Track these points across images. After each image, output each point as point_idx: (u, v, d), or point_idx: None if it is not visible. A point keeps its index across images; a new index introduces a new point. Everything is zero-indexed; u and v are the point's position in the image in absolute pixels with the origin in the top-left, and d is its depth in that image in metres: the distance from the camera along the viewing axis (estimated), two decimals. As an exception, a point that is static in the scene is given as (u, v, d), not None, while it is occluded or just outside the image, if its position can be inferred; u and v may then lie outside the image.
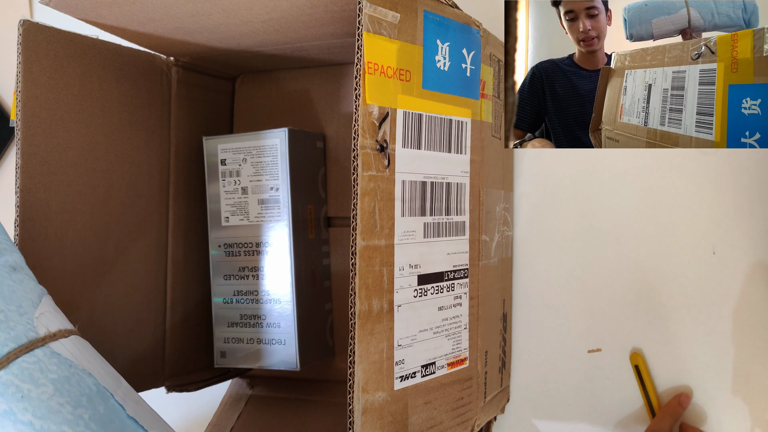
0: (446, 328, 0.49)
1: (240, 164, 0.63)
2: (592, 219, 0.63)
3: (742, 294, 0.58)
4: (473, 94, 0.52)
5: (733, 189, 0.58)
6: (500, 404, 0.62)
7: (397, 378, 0.45)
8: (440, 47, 0.48)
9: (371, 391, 0.42)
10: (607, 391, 0.62)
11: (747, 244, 0.58)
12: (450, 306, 0.50)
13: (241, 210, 0.63)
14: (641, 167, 0.61)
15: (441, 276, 0.49)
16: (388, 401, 0.44)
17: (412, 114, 0.45)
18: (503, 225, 0.60)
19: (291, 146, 0.61)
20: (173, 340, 0.65)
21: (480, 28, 0.52)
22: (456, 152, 0.50)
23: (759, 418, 0.57)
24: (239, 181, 0.63)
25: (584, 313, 0.63)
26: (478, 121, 0.52)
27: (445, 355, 0.49)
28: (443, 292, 0.49)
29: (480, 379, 0.54)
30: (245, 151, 0.63)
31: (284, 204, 0.61)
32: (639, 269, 0.61)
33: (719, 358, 0.58)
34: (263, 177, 0.62)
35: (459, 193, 0.50)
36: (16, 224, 0.51)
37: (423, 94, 0.46)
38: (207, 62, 0.67)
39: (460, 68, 0.50)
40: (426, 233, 0.47)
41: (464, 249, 0.51)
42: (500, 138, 0.58)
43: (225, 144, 0.64)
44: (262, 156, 0.62)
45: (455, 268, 0.50)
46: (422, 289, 0.47)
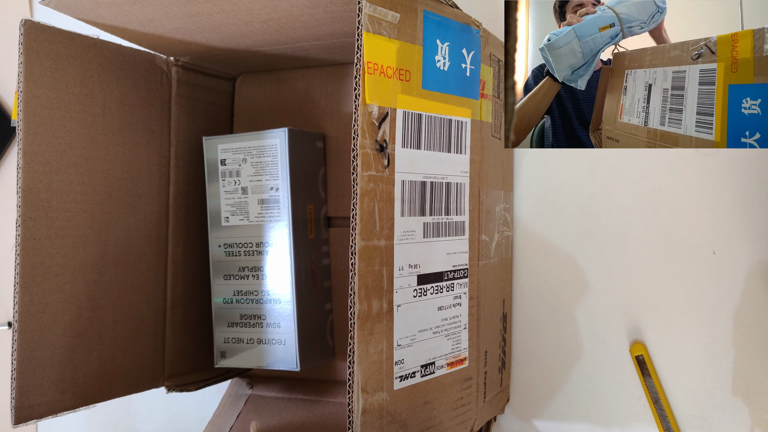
0: (446, 328, 0.49)
1: (240, 164, 0.63)
2: (592, 219, 0.63)
3: (742, 294, 0.58)
4: (473, 94, 0.52)
5: (733, 189, 0.58)
6: (500, 404, 0.62)
7: (396, 378, 0.45)
8: (440, 47, 0.48)
9: (371, 391, 0.42)
10: (607, 391, 0.62)
11: (747, 244, 0.58)
12: (450, 306, 0.50)
13: (241, 210, 0.63)
14: (641, 167, 0.61)
15: (441, 276, 0.49)
16: (387, 401, 0.44)
17: (411, 114, 0.45)
18: (503, 225, 0.60)
19: (291, 146, 0.61)
20: (173, 340, 0.65)
21: (480, 28, 0.52)
22: (456, 152, 0.50)
23: (759, 418, 0.57)
24: (239, 181, 0.63)
25: (584, 313, 0.63)
26: (477, 121, 0.52)
27: (444, 355, 0.49)
28: (443, 292, 0.49)
29: (480, 379, 0.54)
30: (245, 151, 0.63)
31: (284, 204, 0.61)
32: (639, 269, 0.61)
33: (719, 359, 0.58)
34: (263, 177, 0.62)
35: (459, 193, 0.50)
36: (17, 224, 0.51)
37: (423, 94, 0.46)
38: (207, 62, 0.67)
39: (460, 68, 0.50)
40: (426, 233, 0.47)
41: (464, 249, 0.51)
42: (500, 138, 0.58)
43: (225, 144, 0.64)
44: (262, 156, 0.62)
45: (455, 268, 0.50)
46: (422, 289, 0.47)
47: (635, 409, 0.61)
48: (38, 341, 0.52)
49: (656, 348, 0.60)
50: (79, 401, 0.56)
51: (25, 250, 0.51)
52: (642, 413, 0.61)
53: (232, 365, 0.64)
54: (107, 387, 0.58)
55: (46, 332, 0.53)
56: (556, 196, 0.64)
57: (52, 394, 0.53)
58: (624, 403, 0.61)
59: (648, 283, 0.61)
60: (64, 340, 0.54)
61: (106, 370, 0.58)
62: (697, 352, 0.59)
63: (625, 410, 0.61)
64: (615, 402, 0.62)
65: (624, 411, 0.61)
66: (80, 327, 0.56)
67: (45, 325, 0.53)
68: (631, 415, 0.61)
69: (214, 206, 0.65)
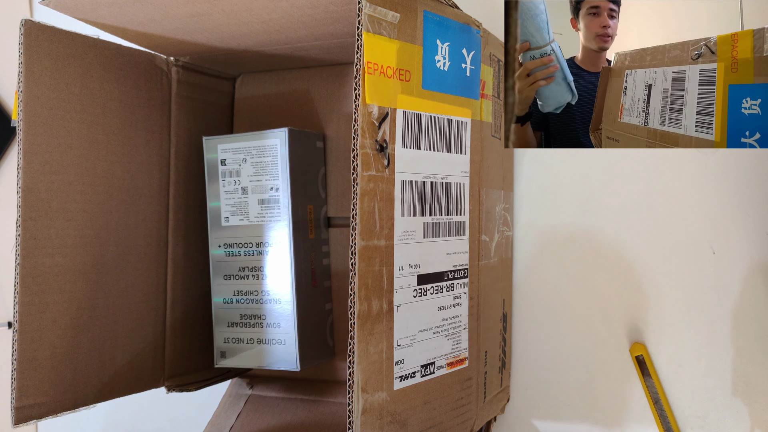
0: (446, 328, 0.49)
1: (240, 164, 0.63)
2: (591, 219, 0.63)
3: (742, 294, 0.57)
4: (473, 94, 0.52)
5: (732, 189, 0.58)
6: (500, 404, 0.62)
7: (396, 378, 0.45)
8: (440, 47, 0.48)
9: (371, 391, 0.42)
10: (607, 392, 0.62)
11: (746, 244, 0.58)
12: (450, 306, 0.50)
13: (241, 210, 0.63)
14: (641, 167, 0.61)
15: (441, 276, 0.49)
16: (387, 401, 0.44)
17: (411, 114, 0.45)
18: (503, 225, 0.60)
19: (291, 146, 0.61)
20: (173, 339, 0.65)
21: (480, 28, 0.52)
22: (456, 152, 0.50)
23: (759, 418, 0.57)
24: (239, 181, 0.63)
25: (584, 313, 0.63)
26: (478, 121, 0.52)
27: (444, 355, 0.49)
28: (443, 292, 0.49)
29: (480, 379, 0.54)
30: (245, 151, 0.63)
31: (284, 204, 0.61)
32: (639, 269, 0.61)
33: (719, 359, 0.58)
34: (263, 177, 0.62)
35: (459, 193, 0.50)
36: (17, 224, 0.51)
37: (423, 94, 0.46)
38: (207, 62, 0.67)
39: (460, 68, 0.50)
40: (426, 233, 0.47)
41: (464, 249, 0.51)
42: (500, 138, 0.58)
43: (225, 144, 0.64)
44: (262, 156, 0.62)
45: (455, 268, 0.50)
46: (422, 289, 0.47)
47: (635, 410, 0.61)
48: (38, 341, 0.52)
49: (656, 348, 0.60)
50: (80, 401, 0.56)
51: (26, 250, 0.51)
52: (642, 413, 0.61)
53: (232, 365, 0.64)
54: (107, 387, 0.58)
55: (46, 332, 0.53)
56: (556, 195, 0.64)
57: (53, 394, 0.53)
58: (624, 404, 0.61)
59: (648, 283, 0.61)
60: (64, 340, 0.54)
61: (106, 370, 0.58)
62: (696, 352, 0.59)
63: (625, 410, 0.61)
64: (615, 402, 0.61)
65: (624, 411, 0.61)
66: (80, 327, 0.56)
67: (45, 325, 0.53)
68: (631, 415, 0.61)
69: (214, 206, 0.65)
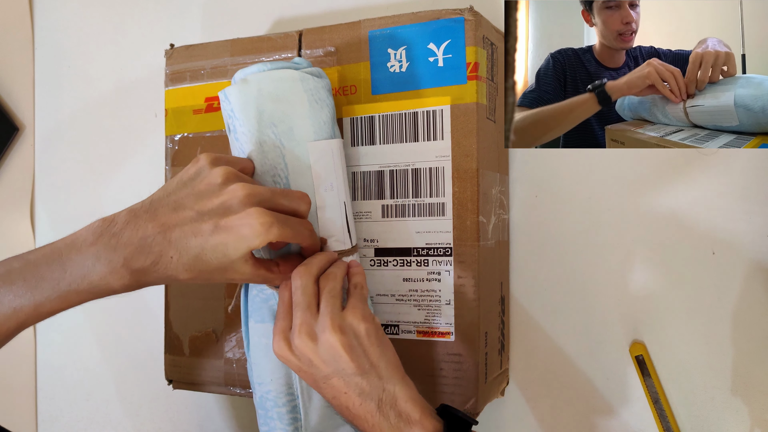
0: (415, 298, 0.55)
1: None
2: (591, 219, 0.60)
3: (742, 294, 0.55)
4: (453, 81, 0.54)
5: (732, 189, 0.55)
6: (500, 386, 0.58)
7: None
8: (393, 53, 0.55)
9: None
10: (607, 391, 0.59)
11: (747, 244, 0.55)
12: (421, 279, 0.55)
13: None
14: (641, 167, 0.58)
15: (408, 251, 0.55)
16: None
17: (361, 118, 0.56)
18: (499, 208, 0.54)
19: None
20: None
21: (464, 14, 0.54)
22: (427, 140, 0.55)
23: (759, 418, 0.55)
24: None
25: (583, 313, 0.60)
26: (463, 104, 0.54)
27: (414, 322, 0.55)
28: (411, 266, 0.55)
29: (480, 359, 0.53)
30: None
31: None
32: (639, 269, 0.58)
33: (718, 359, 0.56)
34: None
35: (433, 177, 0.54)
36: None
37: (374, 99, 0.56)
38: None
39: (427, 62, 0.55)
40: (384, 213, 0.56)
41: (444, 229, 0.54)
42: (494, 121, 0.54)
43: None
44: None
45: (429, 246, 0.55)
46: (380, 260, 0.56)
47: (635, 409, 0.58)
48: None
49: (656, 348, 0.58)
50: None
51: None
52: (642, 413, 0.58)
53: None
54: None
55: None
56: (555, 196, 0.61)
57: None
58: (624, 403, 0.59)
59: (647, 282, 0.58)
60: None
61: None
62: (696, 351, 0.57)
63: (625, 410, 0.58)
64: (614, 402, 0.59)
65: (624, 411, 0.59)
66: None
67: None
68: (631, 415, 0.58)
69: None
